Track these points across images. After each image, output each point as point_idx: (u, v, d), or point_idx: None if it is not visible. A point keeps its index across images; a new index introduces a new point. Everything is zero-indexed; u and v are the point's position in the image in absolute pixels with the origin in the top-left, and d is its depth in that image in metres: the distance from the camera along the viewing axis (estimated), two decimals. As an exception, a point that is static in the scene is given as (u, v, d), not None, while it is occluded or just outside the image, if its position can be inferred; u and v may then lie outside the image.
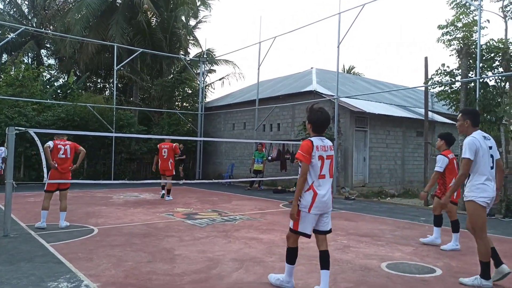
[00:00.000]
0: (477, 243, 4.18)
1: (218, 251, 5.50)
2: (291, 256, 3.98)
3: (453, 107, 11.72)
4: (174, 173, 11.50)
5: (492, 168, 4.18)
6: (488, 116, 10.40)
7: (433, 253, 5.67)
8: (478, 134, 4.20)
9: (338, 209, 10.17)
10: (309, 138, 3.88)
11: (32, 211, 8.42)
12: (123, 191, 13.39)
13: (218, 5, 53.57)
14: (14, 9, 25.91)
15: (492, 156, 4.19)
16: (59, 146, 6.93)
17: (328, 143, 3.91)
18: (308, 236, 3.84)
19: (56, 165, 6.80)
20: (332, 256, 5.28)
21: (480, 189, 4.10)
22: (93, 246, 5.64)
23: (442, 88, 11.98)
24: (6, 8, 25.71)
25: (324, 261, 3.87)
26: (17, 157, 14.08)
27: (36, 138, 6.66)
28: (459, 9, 11.14)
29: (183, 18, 22.65)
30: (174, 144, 11.46)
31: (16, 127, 6.58)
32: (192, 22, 24.91)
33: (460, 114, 4.41)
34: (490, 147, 4.20)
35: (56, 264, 4.71)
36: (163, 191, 11.55)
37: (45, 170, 6.59)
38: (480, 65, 10.22)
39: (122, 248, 5.55)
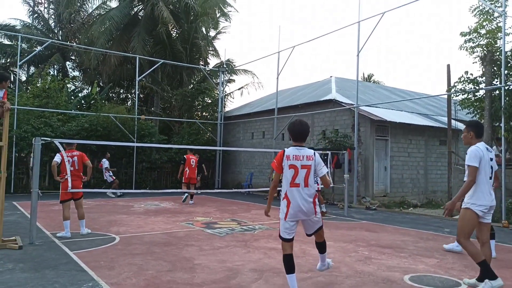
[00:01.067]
0: (463, 248, 4.41)
1: (237, 261, 5.49)
2: (285, 264, 4.00)
3: (478, 116, 11.45)
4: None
5: (490, 178, 4.44)
6: (515, 125, 10.10)
7: (458, 265, 5.50)
8: (481, 145, 4.47)
9: (359, 220, 10.01)
10: (285, 148, 4.09)
11: (57, 219, 8.61)
12: (144, 200, 13.57)
13: (237, 16, 54.16)
14: (42, 23, 26.89)
15: (491, 167, 4.46)
16: (67, 159, 7.03)
17: (306, 152, 4.00)
18: (288, 240, 4.00)
19: (67, 177, 6.87)
20: (353, 268, 5.21)
21: (479, 198, 4.33)
22: (115, 255, 5.72)
23: (465, 96, 11.73)
24: (34, 22, 26.71)
25: (321, 247, 4.21)
26: (43, 166, 14.48)
27: (61, 148, 6.84)
28: (482, 16, 10.92)
29: (203, 29, 23.01)
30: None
31: (42, 138, 6.78)
32: (212, 33, 25.31)
33: (465, 127, 4.71)
34: (491, 159, 4.47)
35: (79, 272, 4.80)
36: (191, 201, 12.77)
37: (69, 179, 6.76)
38: (505, 72, 9.96)
39: (143, 257, 5.60)
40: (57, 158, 7.00)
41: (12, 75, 23.73)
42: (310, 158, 3.99)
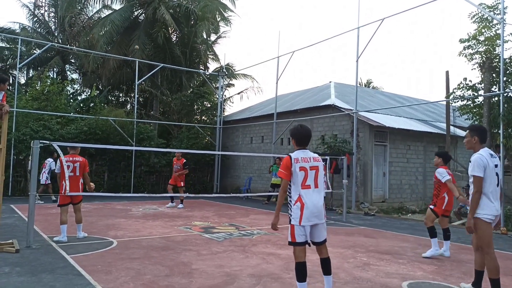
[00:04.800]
0: (485, 259, 4.21)
1: (235, 266, 5.47)
2: (298, 271, 3.93)
3: (476, 122, 11.48)
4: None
5: (497, 185, 4.23)
6: (513, 131, 10.13)
7: (456, 272, 5.49)
8: (485, 152, 4.28)
9: (357, 225, 10.00)
10: (289, 153, 4.06)
11: (54, 222, 8.58)
12: (142, 203, 13.52)
13: (237, 20, 54.18)
14: (42, 27, 26.92)
15: (497, 174, 4.25)
16: (67, 164, 6.92)
17: (312, 155, 4.08)
18: (308, 244, 3.96)
19: (63, 183, 6.76)
20: (351, 274, 5.19)
21: (484, 207, 4.17)
22: (112, 259, 5.69)
23: (464, 102, 11.77)
24: (35, 25, 26.74)
25: (326, 267, 4.03)
26: (41, 169, 14.41)
27: (59, 151, 6.81)
28: (481, 23, 10.98)
29: (203, 33, 23.09)
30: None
31: (40, 141, 6.76)
32: (212, 37, 25.37)
33: (468, 131, 4.49)
34: (496, 165, 4.26)
35: (76, 276, 4.77)
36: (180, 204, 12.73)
37: (67, 182, 6.73)
38: (504, 79, 10.01)
39: (141, 261, 5.58)
40: (58, 169, 6.95)
41: (11, 77, 23.75)
42: (317, 159, 4.07)
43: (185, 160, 12.76)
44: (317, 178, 3.99)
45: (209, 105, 22.83)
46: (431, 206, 6.59)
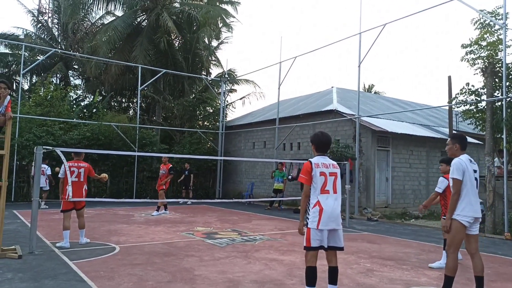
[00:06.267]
0: (448, 258, 4.43)
1: (238, 272, 5.45)
2: (309, 276, 3.96)
3: (479, 127, 11.44)
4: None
5: (476, 188, 4.47)
6: (516, 136, 10.08)
7: (461, 278, 5.44)
8: (464, 157, 4.52)
9: (360, 231, 9.95)
10: (310, 159, 4.15)
11: (57, 228, 8.57)
12: (145, 209, 13.51)
13: (239, 26, 54.40)
14: (46, 33, 27.11)
15: (476, 179, 4.48)
16: (72, 169, 6.96)
17: (331, 161, 4.19)
18: (324, 249, 3.97)
19: (68, 188, 6.83)
20: (355, 280, 5.16)
21: (464, 209, 4.34)
22: (115, 265, 5.68)
23: (467, 107, 11.75)
24: (38, 32, 26.93)
25: (333, 276, 4.05)
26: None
27: (62, 157, 6.82)
28: (483, 28, 10.98)
29: (205, 39, 23.19)
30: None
31: (43, 146, 6.77)
32: (214, 43, 25.50)
33: (450, 139, 4.76)
34: (475, 171, 4.49)
35: (78, 282, 4.76)
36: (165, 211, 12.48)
37: (70, 188, 6.74)
38: (507, 84, 9.98)
39: (143, 267, 5.56)
40: (62, 174, 7.00)
41: (15, 83, 23.90)
42: (336, 166, 4.18)
43: (171, 165, 12.36)
44: (335, 184, 4.09)
45: (211, 111, 22.88)
46: (443, 217, 6.28)
